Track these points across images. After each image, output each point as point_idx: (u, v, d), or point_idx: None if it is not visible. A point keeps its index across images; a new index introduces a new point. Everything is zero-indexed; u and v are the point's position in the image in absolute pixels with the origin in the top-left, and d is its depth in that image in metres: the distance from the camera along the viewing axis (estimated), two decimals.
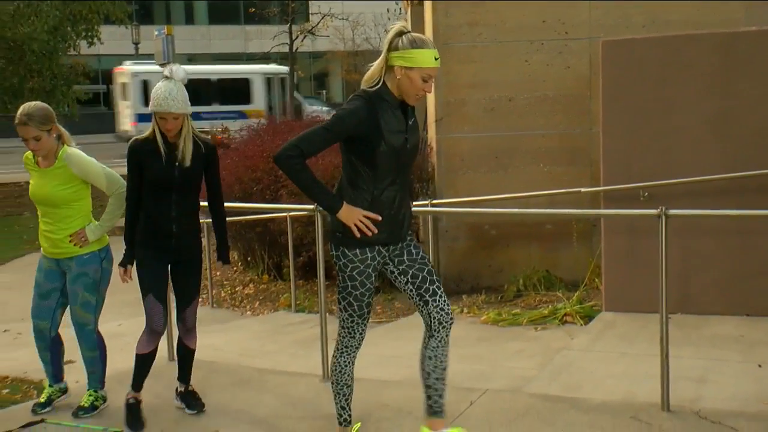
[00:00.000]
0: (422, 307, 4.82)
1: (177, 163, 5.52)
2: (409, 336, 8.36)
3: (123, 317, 10.24)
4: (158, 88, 5.40)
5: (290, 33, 42.31)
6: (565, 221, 10.49)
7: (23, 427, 5.72)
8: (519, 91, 10.86)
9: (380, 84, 4.59)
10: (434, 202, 10.44)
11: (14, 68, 21.16)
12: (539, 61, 10.78)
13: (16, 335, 9.97)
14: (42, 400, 6.25)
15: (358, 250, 4.61)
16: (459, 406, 5.85)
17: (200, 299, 11.39)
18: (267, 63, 42.68)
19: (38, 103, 5.96)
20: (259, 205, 11.22)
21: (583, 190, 9.46)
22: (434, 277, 4.84)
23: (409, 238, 4.88)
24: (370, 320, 9.54)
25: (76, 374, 6.84)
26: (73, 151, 5.94)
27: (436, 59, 4.54)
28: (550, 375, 6.71)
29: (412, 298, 4.88)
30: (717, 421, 5.37)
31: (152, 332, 5.79)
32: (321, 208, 5.06)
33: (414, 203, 10.57)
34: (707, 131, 7.96)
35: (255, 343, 9.08)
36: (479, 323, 8.96)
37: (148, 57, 30.24)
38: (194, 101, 5.71)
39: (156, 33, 24.82)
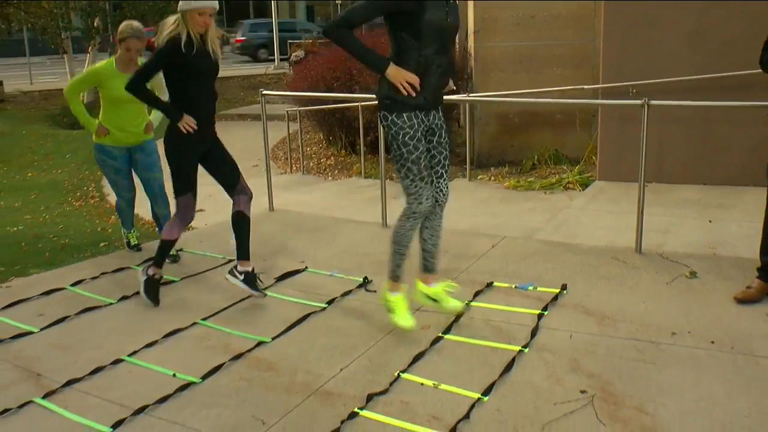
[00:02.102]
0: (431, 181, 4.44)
1: (207, 56, 4.84)
2: (449, 197, 8.47)
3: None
4: None
5: None
6: (571, 111, 10.53)
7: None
8: (539, 10, 10.83)
9: None
10: (471, 95, 10.46)
11: None
12: None
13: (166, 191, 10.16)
14: (134, 243, 6.43)
15: (405, 116, 4.15)
16: (483, 248, 5.97)
17: (293, 168, 11.64)
18: None
19: (138, 23, 5.82)
20: (338, 95, 11.31)
21: (585, 87, 9.54)
22: (446, 162, 4.49)
23: (443, 120, 4.45)
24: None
25: None
26: None
27: None
28: (553, 227, 6.77)
29: None
30: (675, 260, 5.45)
31: (185, 223, 5.20)
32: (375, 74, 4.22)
33: (456, 96, 10.68)
34: (685, 43, 7.88)
35: (333, 201, 9.24)
36: (502, 188, 9.01)
37: None
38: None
39: None
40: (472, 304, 4.85)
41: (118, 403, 3.80)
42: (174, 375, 4.07)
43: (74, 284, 5.51)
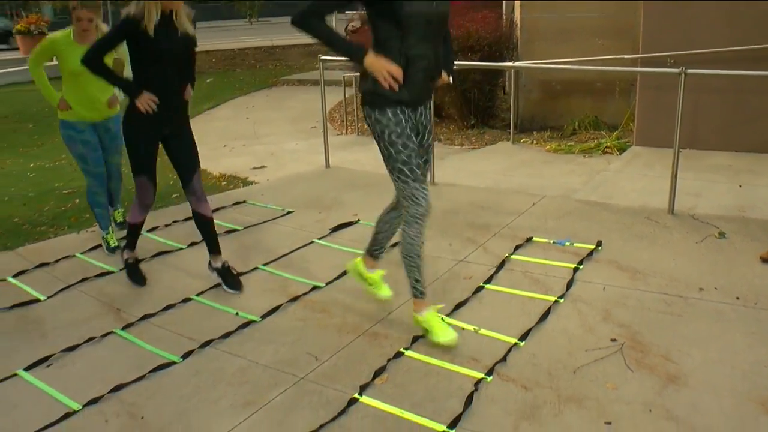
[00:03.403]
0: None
1: (179, 34, 4.13)
2: (494, 158, 8.43)
3: (299, 140, 10.49)
4: None
5: None
6: (611, 80, 10.30)
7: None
8: None
9: None
10: (517, 63, 10.32)
11: None
12: None
13: (231, 149, 10.27)
14: (114, 245, 5.32)
15: (389, 112, 3.50)
16: (524, 206, 5.93)
17: (348, 129, 11.63)
18: None
19: None
20: None
21: (625, 56, 9.34)
22: (427, 167, 3.90)
23: (429, 119, 3.84)
24: (464, 146, 9.77)
25: None
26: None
27: None
28: (591, 188, 6.68)
29: None
30: (705, 221, 5.36)
31: (143, 206, 4.61)
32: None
33: (502, 63, 10.55)
34: (722, 15, 7.65)
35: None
36: (543, 151, 8.89)
37: None
38: None
39: None
40: (513, 257, 4.83)
41: (187, 336, 3.91)
42: (236, 314, 4.15)
43: (149, 231, 5.61)
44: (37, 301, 4.51)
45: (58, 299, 4.53)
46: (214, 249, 4.59)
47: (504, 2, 13.62)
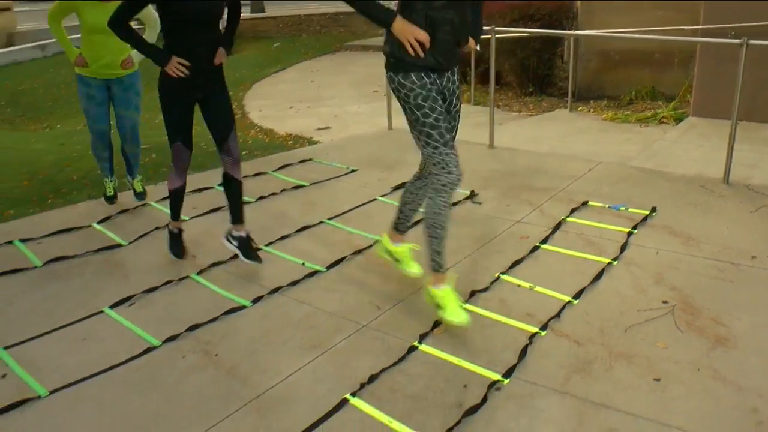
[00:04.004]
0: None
1: None
2: (551, 125, 8.35)
3: (362, 103, 10.52)
4: None
5: None
6: (669, 51, 10.04)
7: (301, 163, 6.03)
8: None
9: None
10: (578, 31, 10.14)
11: None
12: None
13: (296, 110, 10.36)
14: (110, 194, 5.43)
15: (414, 76, 3.28)
16: (581, 171, 5.87)
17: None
18: None
19: None
20: None
21: (686, 27, 9.09)
22: (454, 134, 3.56)
23: (457, 84, 3.53)
24: (522, 113, 9.68)
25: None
26: None
27: None
28: (646, 156, 6.58)
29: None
30: (760, 192, 5.26)
31: (180, 170, 4.29)
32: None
33: (562, 31, 10.38)
34: None
35: None
36: (600, 120, 8.77)
37: None
38: None
39: None
40: (568, 219, 4.81)
41: (257, 283, 4.02)
42: (303, 264, 4.24)
43: (220, 184, 5.69)
44: (119, 246, 4.66)
45: (138, 245, 4.67)
46: (237, 217, 4.27)
47: None
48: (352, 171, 6.01)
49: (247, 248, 4.21)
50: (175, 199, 4.39)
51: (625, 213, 4.92)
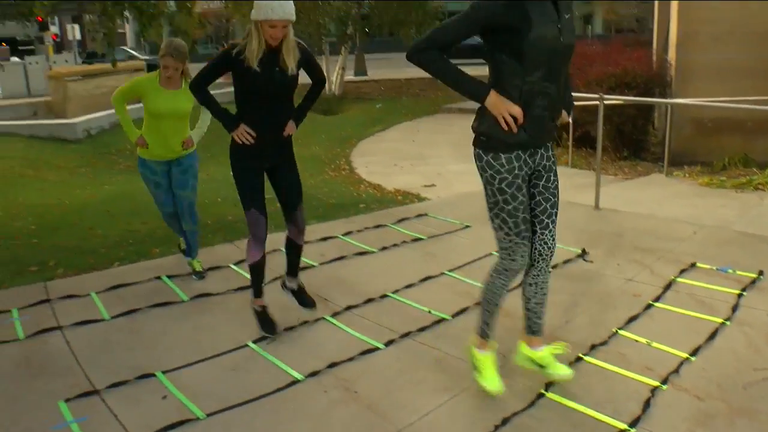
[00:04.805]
0: (530, 234, 3.24)
1: (279, 70, 3.79)
2: (648, 189, 8.29)
3: (462, 162, 10.65)
4: None
5: None
6: (760, 119, 9.88)
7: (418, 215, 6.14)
8: (736, 26, 10.21)
9: None
10: (675, 99, 10.09)
11: (400, 9, 21.09)
12: (753, 5, 10.03)
13: (401, 168, 10.57)
14: (199, 269, 5.17)
15: (504, 158, 3.04)
16: (685, 233, 5.81)
17: None
18: None
19: (180, 41, 4.95)
20: None
21: None
22: (554, 210, 3.28)
23: (552, 160, 3.25)
24: (618, 176, 9.61)
25: None
26: None
27: None
28: (746, 221, 6.46)
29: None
30: None
31: (258, 241, 4.07)
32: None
33: (656, 99, 10.34)
34: None
35: None
36: (696, 185, 8.65)
37: None
38: None
39: None
40: (678, 279, 4.77)
41: (387, 327, 4.13)
42: (429, 311, 4.33)
43: (345, 234, 5.92)
44: None
45: (273, 286, 4.85)
46: (293, 272, 4.32)
47: (654, 42, 13.35)
48: (466, 227, 6.10)
49: (302, 295, 4.32)
50: (257, 274, 4.18)
51: (732, 275, 4.84)
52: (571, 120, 3.46)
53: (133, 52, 33.29)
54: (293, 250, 4.27)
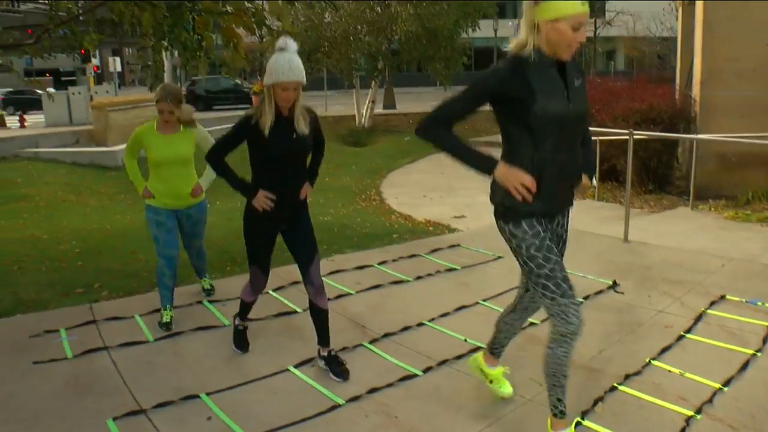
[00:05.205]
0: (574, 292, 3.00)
1: (293, 134, 3.72)
2: (675, 222, 8.26)
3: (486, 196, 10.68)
4: (277, 60, 3.59)
5: (594, 23, 41.52)
6: None
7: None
8: (760, 64, 10.22)
9: (529, 46, 2.81)
10: (699, 135, 10.08)
11: (429, 45, 21.32)
12: None
13: (430, 199, 10.61)
14: (165, 321, 4.75)
15: (525, 225, 2.91)
16: (714, 266, 5.76)
17: None
18: None
19: (175, 85, 4.94)
20: None
21: None
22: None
23: (566, 228, 3.17)
24: (644, 209, 9.58)
25: None
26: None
27: (582, 4, 2.74)
28: None
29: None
30: None
31: (255, 290, 4.17)
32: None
33: (684, 135, 10.31)
34: None
35: (571, 216, 9.01)
36: (721, 218, 8.60)
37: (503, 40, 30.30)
38: None
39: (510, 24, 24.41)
40: (709, 311, 4.74)
41: (424, 354, 4.14)
42: (465, 340, 4.34)
43: (380, 263, 5.96)
44: (295, 312, 4.91)
45: (304, 315, 4.89)
46: (323, 340, 4.02)
47: (677, 79, 13.36)
48: (498, 258, 6.10)
49: (334, 365, 3.96)
50: (245, 308, 4.29)
51: (762, 307, 4.80)
52: (591, 188, 3.34)
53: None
54: (318, 316, 4.00)
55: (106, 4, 6.38)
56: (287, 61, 3.57)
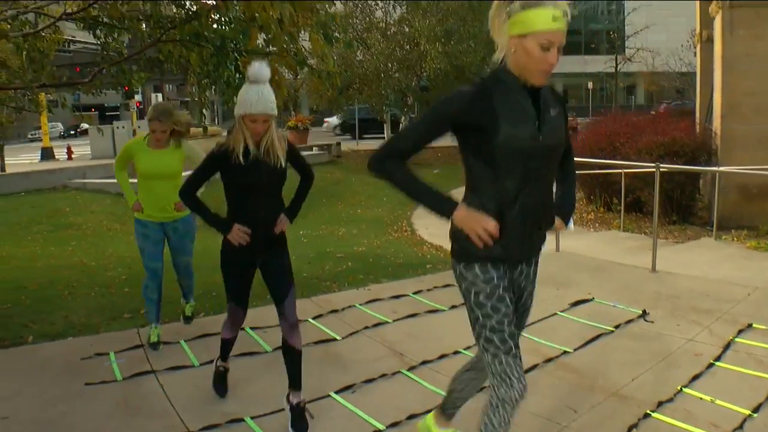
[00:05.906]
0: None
1: (265, 165, 3.51)
2: (699, 251, 8.18)
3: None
4: (247, 91, 3.43)
5: (615, 59, 41.57)
6: None
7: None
8: None
9: (500, 63, 2.39)
10: (722, 168, 10.00)
11: (457, 81, 21.24)
12: None
13: None
14: (154, 341, 4.84)
15: (477, 268, 2.48)
16: (740, 295, 5.68)
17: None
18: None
19: (165, 103, 4.97)
20: (602, 161, 11.13)
21: None
22: (517, 334, 2.64)
23: (531, 279, 2.69)
24: (668, 239, 9.49)
25: None
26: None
27: (555, 19, 2.23)
28: None
29: None
30: None
31: (233, 325, 3.94)
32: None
33: (708, 167, 10.22)
34: None
35: (599, 247, 9.03)
36: (743, 248, 8.49)
37: None
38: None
39: None
40: (737, 339, 4.67)
41: None
42: None
43: (415, 293, 5.97)
44: (334, 339, 4.93)
45: (350, 340, 4.92)
46: (294, 384, 3.68)
47: (697, 112, 13.29)
48: None
49: (296, 416, 3.64)
50: (226, 346, 4.05)
51: None
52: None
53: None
54: (288, 355, 3.68)
55: (155, 45, 6.54)
56: (257, 93, 3.41)
